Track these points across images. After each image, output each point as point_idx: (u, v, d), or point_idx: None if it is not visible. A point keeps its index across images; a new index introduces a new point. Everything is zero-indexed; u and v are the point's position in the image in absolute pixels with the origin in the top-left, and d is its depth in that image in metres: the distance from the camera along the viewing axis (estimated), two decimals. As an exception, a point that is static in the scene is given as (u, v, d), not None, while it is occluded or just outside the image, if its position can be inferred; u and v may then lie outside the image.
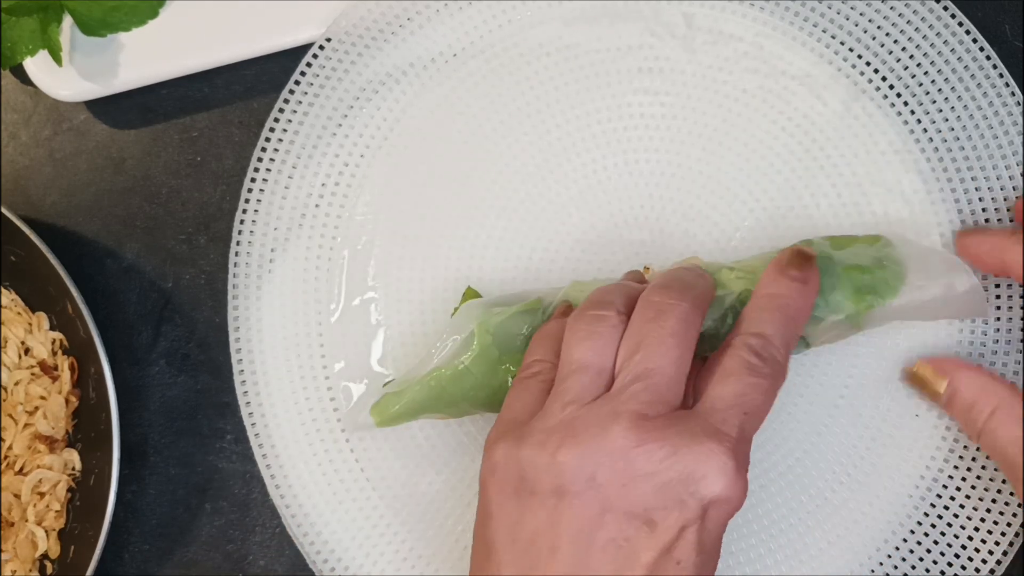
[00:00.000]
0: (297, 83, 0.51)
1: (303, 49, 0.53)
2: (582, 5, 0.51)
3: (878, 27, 0.50)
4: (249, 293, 0.51)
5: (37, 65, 0.52)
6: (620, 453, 0.38)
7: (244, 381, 0.50)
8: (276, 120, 0.51)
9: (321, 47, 0.51)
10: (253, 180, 0.51)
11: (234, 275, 0.51)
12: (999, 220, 0.49)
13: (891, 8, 0.50)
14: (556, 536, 0.38)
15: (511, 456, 0.39)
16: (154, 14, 0.52)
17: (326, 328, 0.50)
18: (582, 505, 0.38)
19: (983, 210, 0.49)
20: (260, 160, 0.51)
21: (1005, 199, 0.49)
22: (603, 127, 0.50)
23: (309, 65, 0.51)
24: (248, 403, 0.50)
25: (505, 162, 0.51)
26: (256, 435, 0.50)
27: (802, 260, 0.43)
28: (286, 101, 0.51)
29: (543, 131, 0.51)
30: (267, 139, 0.51)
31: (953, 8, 0.49)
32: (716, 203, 0.50)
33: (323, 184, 0.51)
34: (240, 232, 0.51)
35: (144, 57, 0.53)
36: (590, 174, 0.50)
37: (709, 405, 0.39)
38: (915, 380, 0.48)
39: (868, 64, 0.50)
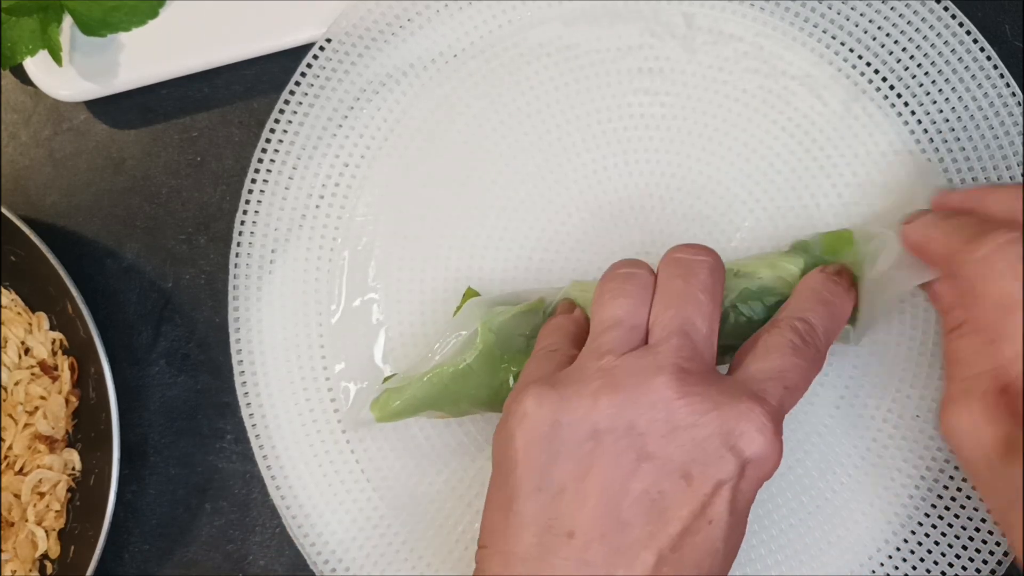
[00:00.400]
0: (297, 84, 0.51)
1: (303, 49, 0.53)
2: (582, 5, 0.51)
3: (878, 27, 0.50)
4: (250, 294, 0.51)
5: (37, 65, 0.52)
6: (662, 404, 0.37)
7: (245, 383, 0.50)
8: (276, 121, 0.51)
9: (321, 48, 0.51)
10: (254, 181, 0.51)
11: (235, 276, 0.51)
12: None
13: (891, 8, 0.50)
14: (587, 484, 0.37)
15: (545, 401, 0.38)
16: (154, 14, 0.52)
17: (327, 329, 0.50)
18: (619, 453, 0.37)
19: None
20: (260, 161, 0.51)
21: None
22: (603, 127, 0.50)
23: (309, 66, 0.51)
24: (248, 404, 0.50)
25: (505, 162, 0.51)
26: (256, 436, 0.50)
27: (845, 270, 0.44)
28: (287, 102, 0.51)
29: (543, 131, 0.51)
30: (267, 140, 0.51)
31: (953, 8, 0.49)
32: (716, 203, 0.50)
33: (323, 185, 0.51)
34: (241, 233, 0.51)
35: (144, 57, 0.53)
36: (590, 174, 0.50)
37: (750, 375, 0.39)
38: (912, 244, 0.44)
39: (868, 64, 0.50)
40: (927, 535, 0.48)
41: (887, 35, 0.50)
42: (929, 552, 0.48)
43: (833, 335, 0.43)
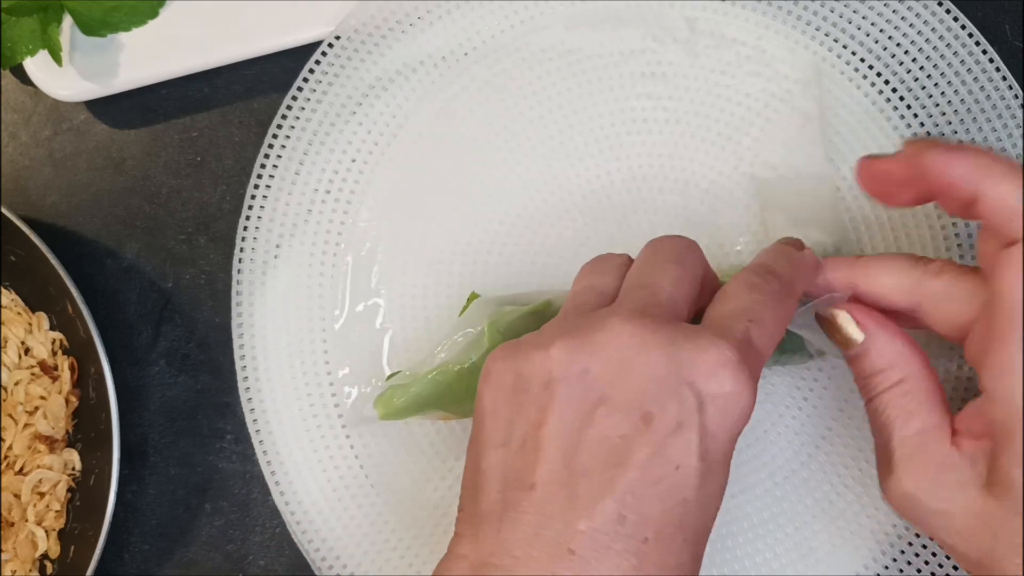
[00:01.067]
0: (306, 80, 0.50)
1: (303, 49, 0.53)
2: (584, 9, 0.51)
3: (880, 30, 0.50)
4: (253, 299, 0.50)
5: (37, 65, 0.52)
6: (615, 344, 0.35)
7: (248, 388, 0.50)
8: (279, 126, 0.51)
9: (330, 44, 0.50)
10: (256, 186, 0.50)
11: (238, 281, 0.50)
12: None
13: (893, 11, 0.50)
14: (543, 433, 0.35)
15: (508, 360, 0.37)
16: (154, 14, 0.52)
17: (330, 334, 0.50)
18: (574, 399, 0.35)
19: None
20: (263, 166, 0.50)
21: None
22: (606, 132, 0.50)
23: (318, 62, 0.51)
24: (252, 409, 0.50)
25: (508, 167, 0.50)
26: (260, 441, 0.50)
27: (797, 241, 0.43)
28: (294, 97, 0.50)
29: (546, 136, 0.50)
30: (270, 145, 0.51)
31: (955, 11, 0.49)
32: (720, 207, 0.50)
33: (327, 191, 0.51)
34: (244, 239, 0.50)
35: (144, 57, 0.52)
36: (593, 179, 0.50)
37: (710, 320, 0.38)
38: (830, 324, 0.41)
39: (871, 67, 0.50)
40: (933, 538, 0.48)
41: (889, 37, 0.50)
42: (934, 555, 0.48)
43: (796, 278, 0.40)
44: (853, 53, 0.50)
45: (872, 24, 0.50)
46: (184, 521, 0.53)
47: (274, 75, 0.54)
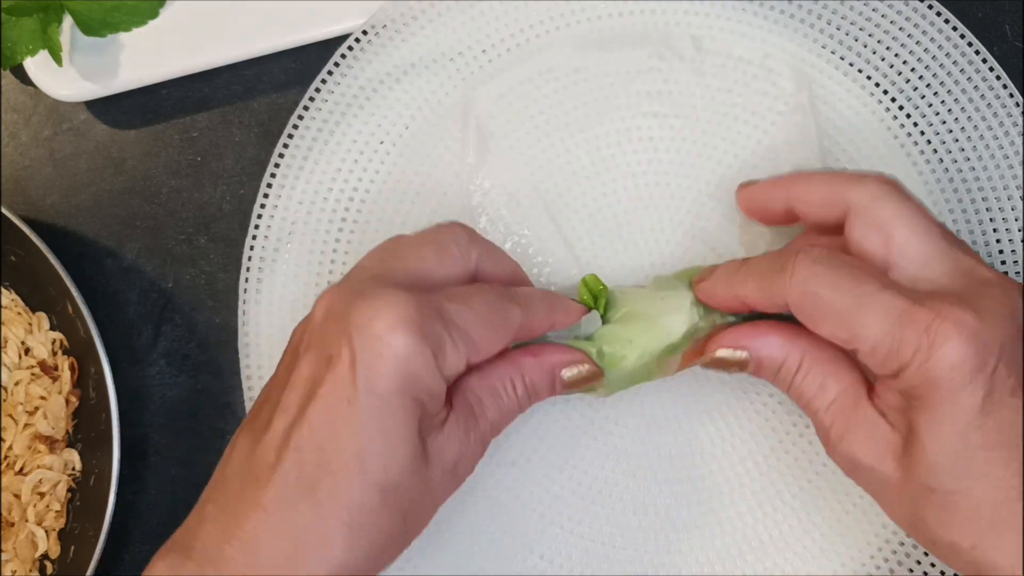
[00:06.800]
0: (330, 73, 0.51)
1: (303, 49, 0.53)
2: (591, 29, 0.51)
3: (887, 47, 0.50)
4: (260, 297, 0.50)
5: (37, 65, 0.52)
6: (324, 302, 0.40)
7: (251, 387, 0.50)
8: (295, 127, 0.50)
9: (350, 47, 0.50)
10: (269, 185, 0.50)
11: (246, 279, 0.50)
12: (1004, 220, 0.49)
13: (900, 29, 0.50)
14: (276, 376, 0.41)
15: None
16: (154, 14, 0.52)
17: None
18: (303, 349, 0.40)
19: (987, 210, 0.49)
20: (277, 165, 0.50)
21: (1009, 198, 0.49)
22: (612, 151, 0.50)
23: (344, 56, 0.51)
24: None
25: (515, 187, 0.50)
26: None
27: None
28: (312, 98, 0.50)
29: (552, 155, 0.50)
30: (285, 145, 0.50)
31: (954, 20, 0.50)
32: (726, 225, 0.49)
33: (329, 190, 0.51)
34: (255, 237, 0.50)
35: (144, 57, 0.53)
36: (599, 197, 0.50)
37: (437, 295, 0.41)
38: (716, 364, 0.44)
39: (878, 85, 0.50)
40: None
41: (895, 55, 0.50)
42: (926, 554, 0.48)
43: (530, 305, 0.43)
44: (860, 71, 0.50)
45: (879, 42, 0.50)
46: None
47: (273, 75, 0.54)
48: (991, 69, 0.50)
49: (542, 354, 0.44)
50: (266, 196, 0.51)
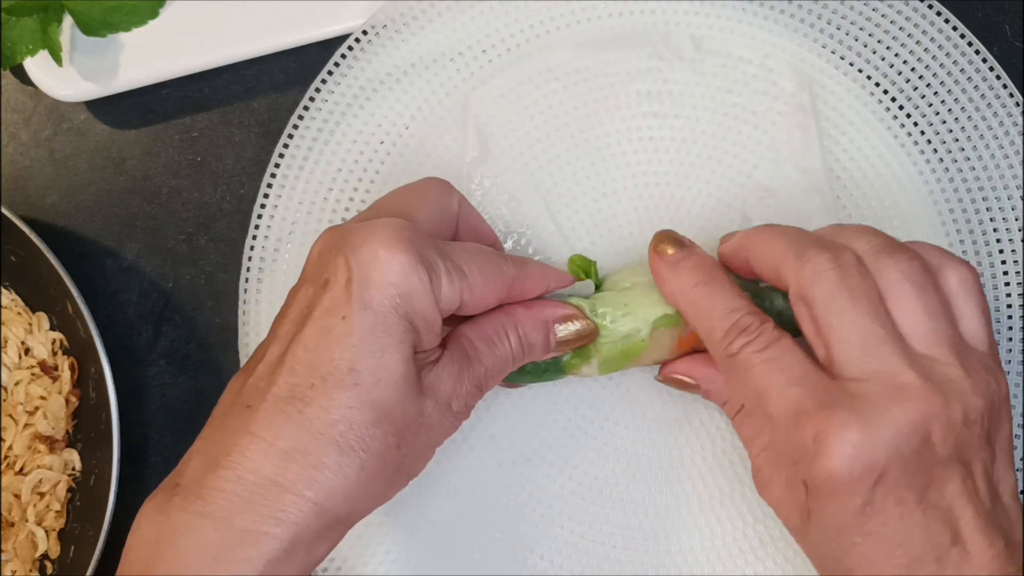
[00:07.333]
0: (330, 72, 0.51)
1: (303, 50, 0.53)
2: (591, 29, 0.51)
3: (887, 47, 0.50)
4: (260, 297, 0.50)
5: (37, 65, 0.52)
6: (322, 239, 0.40)
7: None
8: (295, 127, 0.51)
9: (350, 46, 0.50)
10: (270, 185, 0.50)
11: (246, 280, 0.50)
12: (1004, 220, 0.49)
13: (900, 29, 0.50)
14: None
15: None
16: (154, 14, 0.52)
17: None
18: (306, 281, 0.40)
19: (987, 210, 0.49)
20: (277, 165, 0.50)
21: (1009, 198, 0.49)
22: (612, 150, 0.50)
23: (343, 56, 0.51)
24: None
25: (515, 187, 0.50)
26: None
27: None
28: (312, 98, 0.50)
29: (552, 155, 0.50)
30: (285, 145, 0.50)
31: (955, 21, 0.50)
32: (726, 225, 0.49)
33: (329, 189, 0.51)
34: (255, 237, 0.50)
35: (144, 57, 0.53)
36: (599, 197, 0.50)
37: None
38: (672, 383, 0.46)
39: (878, 85, 0.50)
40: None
41: (895, 55, 0.50)
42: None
43: (521, 273, 0.44)
44: (860, 71, 0.50)
45: (879, 42, 0.50)
46: (184, 521, 0.52)
47: (273, 75, 0.54)
48: (991, 69, 0.50)
49: (536, 306, 0.44)
50: (266, 196, 0.51)
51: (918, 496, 0.38)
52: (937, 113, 0.50)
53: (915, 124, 0.50)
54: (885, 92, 0.50)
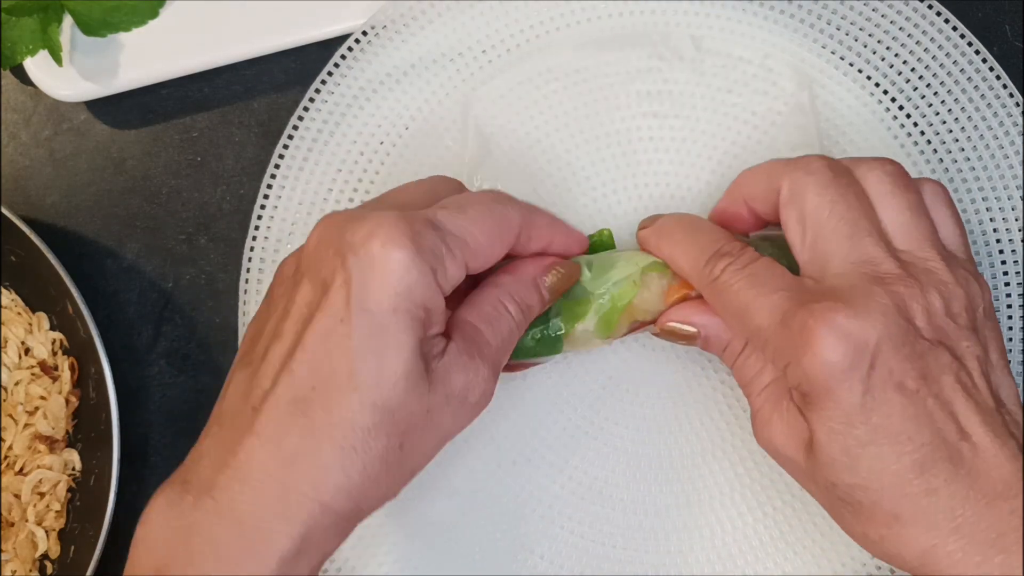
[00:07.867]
0: (330, 73, 0.51)
1: (303, 50, 0.53)
2: (591, 30, 0.51)
3: (887, 47, 0.50)
4: (260, 298, 0.50)
5: (37, 65, 0.52)
6: (316, 233, 0.40)
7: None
8: (295, 127, 0.51)
9: (350, 47, 0.50)
10: (270, 186, 0.50)
11: (246, 280, 0.50)
12: (1004, 220, 0.49)
13: (900, 29, 0.50)
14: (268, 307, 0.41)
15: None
16: (154, 14, 0.52)
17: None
18: (299, 278, 0.40)
19: (987, 210, 0.49)
20: (277, 166, 0.50)
21: (1009, 198, 0.49)
22: (612, 151, 0.50)
23: (343, 57, 0.51)
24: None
25: (515, 187, 0.50)
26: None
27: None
28: (312, 98, 0.50)
29: (552, 155, 0.50)
30: (285, 145, 0.50)
31: (954, 20, 0.50)
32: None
33: (329, 189, 0.51)
34: (255, 237, 0.50)
35: (144, 57, 0.53)
36: (599, 198, 0.50)
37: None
38: (668, 335, 0.46)
39: (878, 85, 0.50)
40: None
41: (895, 55, 0.50)
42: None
43: (528, 221, 0.44)
44: (860, 71, 0.50)
45: (879, 42, 0.50)
46: (184, 521, 0.52)
47: (273, 75, 0.54)
48: (991, 69, 0.50)
49: (517, 269, 0.44)
50: (266, 196, 0.51)
51: (915, 383, 0.38)
52: (937, 113, 0.50)
53: (915, 124, 0.50)
54: (885, 92, 0.50)
